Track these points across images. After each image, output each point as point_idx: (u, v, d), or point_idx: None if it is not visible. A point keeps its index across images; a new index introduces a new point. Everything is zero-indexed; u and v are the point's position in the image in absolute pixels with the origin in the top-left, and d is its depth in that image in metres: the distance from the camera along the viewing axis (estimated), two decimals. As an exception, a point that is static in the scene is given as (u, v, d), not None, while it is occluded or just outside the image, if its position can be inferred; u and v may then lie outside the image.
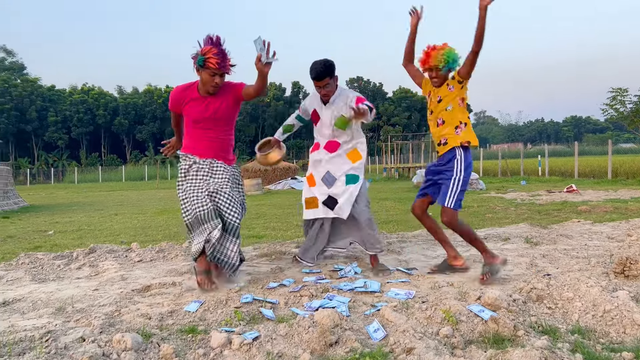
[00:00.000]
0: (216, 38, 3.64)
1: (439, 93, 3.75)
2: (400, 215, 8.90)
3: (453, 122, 3.72)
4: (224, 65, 3.62)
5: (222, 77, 3.70)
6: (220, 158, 3.87)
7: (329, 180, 4.17)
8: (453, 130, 3.71)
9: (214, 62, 3.56)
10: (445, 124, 3.74)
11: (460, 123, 3.72)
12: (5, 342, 2.54)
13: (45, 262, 4.72)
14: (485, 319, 2.60)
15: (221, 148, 3.90)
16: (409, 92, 68.39)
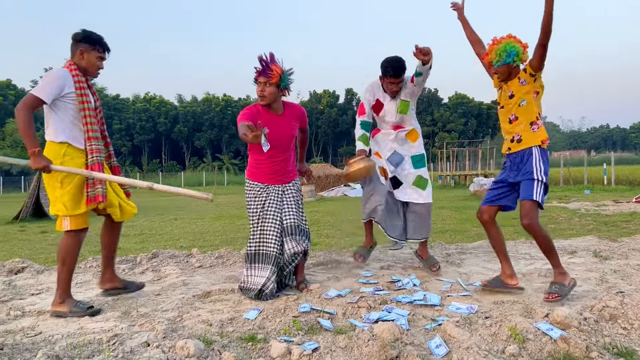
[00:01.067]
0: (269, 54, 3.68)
1: (511, 87, 3.53)
2: (458, 224, 8.69)
3: (528, 117, 3.49)
4: (264, 72, 3.63)
5: (270, 87, 3.65)
6: (287, 178, 3.93)
7: (396, 160, 4.35)
8: (528, 126, 3.49)
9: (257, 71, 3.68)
10: (519, 120, 3.51)
11: (536, 119, 3.50)
12: (75, 344, 2.64)
13: (111, 265, 4.90)
14: (554, 338, 2.48)
15: (287, 165, 3.92)
16: (465, 98, 67.03)
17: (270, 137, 3.71)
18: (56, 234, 9.01)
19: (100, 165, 3.35)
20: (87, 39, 3.39)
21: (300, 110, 3.99)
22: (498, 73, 3.55)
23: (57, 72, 3.29)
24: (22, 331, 2.93)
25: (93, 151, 3.35)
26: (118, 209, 3.55)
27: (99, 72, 3.50)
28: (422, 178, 4.33)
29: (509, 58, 3.42)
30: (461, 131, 64.11)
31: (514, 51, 3.41)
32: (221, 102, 63.94)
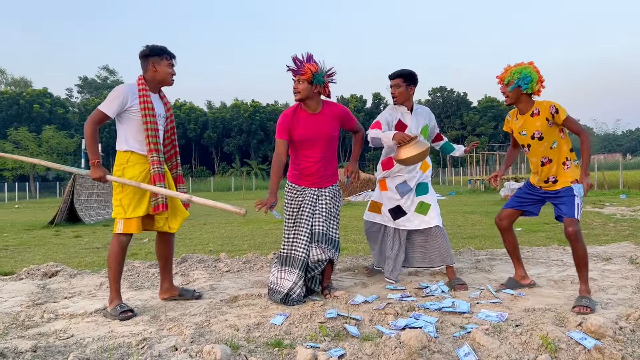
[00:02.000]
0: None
1: (540, 129, 3.48)
2: (488, 230, 8.55)
3: (560, 158, 3.52)
4: (296, 70, 3.72)
5: (302, 84, 3.71)
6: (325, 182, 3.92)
7: (404, 190, 4.23)
8: (562, 167, 3.53)
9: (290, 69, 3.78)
10: (552, 162, 3.54)
11: (566, 159, 3.52)
12: (105, 347, 2.69)
13: (141, 270, 4.99)
14: (588, 347, 2.40)
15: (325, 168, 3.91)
16: (495, 101, 66.01)
17: (305, 135, 3.78)
18: (89, 238, 9.22)
19: (159, 176, 3.47)
20: (154, 51, 3.56)
21: (341, 109, 3.91)
22: (505, 94, 3.55)
23: (121, 87, 3.49)
24: (54, 334, 3.00)
25: (154, 162, 3.47)
26: (165, 222, 3.68)
27: (173, 78, 3.65)
28: (424, 203, 4.20)
29: (521, 81, 3.43)
30: (491, 135, 63.14)
31: (529, 77, 3.42)
32: (250, 107, 64.45)
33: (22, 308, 3.63)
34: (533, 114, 3.50)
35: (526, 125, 3.55)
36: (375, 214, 4.36)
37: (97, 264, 5.96)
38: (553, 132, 3.48)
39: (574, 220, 3.38)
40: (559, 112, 3.40)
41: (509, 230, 3.83)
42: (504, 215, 3.84)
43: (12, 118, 55.21)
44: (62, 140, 49.31)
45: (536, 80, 3.44)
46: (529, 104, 3.53)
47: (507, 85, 3.49)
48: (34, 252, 7.48)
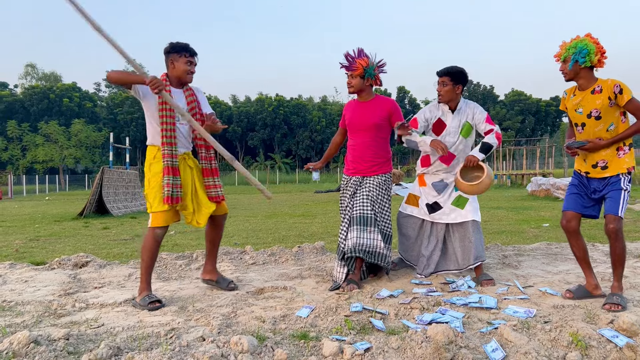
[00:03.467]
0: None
1: (599, 108, 3.23)
2: (514, 225, 8.43)
3: (616, 144, 3.27)
4: (348, 67, 4.02)
5: (354, 78, 4.03)
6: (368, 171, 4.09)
7: (440, 187, 4.18)
8: (614, 152, 3.27)
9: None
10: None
11: (623, 144, 3.27)
12: (135, 336, 2.74)
13: (169, 261, 5.07)
14: (620, 345, 2.36)
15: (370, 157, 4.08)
16: (523, 95, 64.87)
17: (350, 120, 4.13)
18: (117, 230, 9.40)
19: (169, 170, 3.51)
20: (174, 48, 3.65)
21: (391, 103, 4.11)
22: (564, 72, 3.33)
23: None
24: (86, 322, 3.07)
25: (165, 156, 3.53)
26: (192, 217, 3.70)
27: (191, 75, 3.70)
28: (462, 197, 4.11)
29: (578, 55, 3.21)
30: (518, 129, 62.09)
31: (585, 49, 3.19)
32: (274, 102, 64.63)
33: (54, 297, 3.73)
34: (594, 91, 3.25)
35: (584, 103, 3.29)
36: (413, 207, 4.30)
37: (125, 255, 6.07)
38: (612, 113, 3.23)
39: (617, 218, 3.19)
40: (624, 92, 3.15)
41: (578, 232, 3.45)
42: (569, 217, 3.44)
43: (43, 112, 56.52)
44: (91, 134, 50.33)
45: (594, 52, 3.20)
46: (591, 80, 3.29)
47: (565, 62, 3.29)
48: (64, 242, 7.66)
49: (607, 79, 3.25)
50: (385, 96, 4.25)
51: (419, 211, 4.25)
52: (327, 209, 13.63)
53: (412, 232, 4.32)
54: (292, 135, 64.39)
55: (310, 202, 17.77)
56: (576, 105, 3.35)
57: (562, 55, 3.30)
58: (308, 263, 4.95)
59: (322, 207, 14.84)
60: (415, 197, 4.30)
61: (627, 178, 3.27)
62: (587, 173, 3.39)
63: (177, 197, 3.53)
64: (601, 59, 3.25)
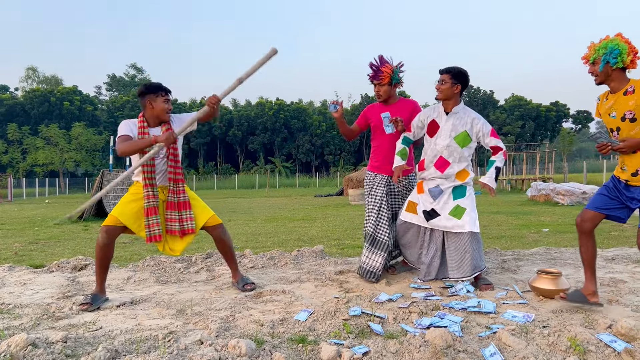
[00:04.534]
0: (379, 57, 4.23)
1: (634, 110, 3.00)
2: (514, 230, 8.43)
3: None
4: (375, 77, 4.21)
5: (383, 87, 4.23)
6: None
7: (436, 193, 4.10)
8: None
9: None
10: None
11: None
12: (133, 339, 2.74)
13: (168, 265, 5.06)
14: (618, 350, 2.36)
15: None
16: (523, 100, 64.97)
17: (375, 122, 4.37)
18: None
19: (151, 210, 3.70)
20: (150, 89, 3.76)
21: (412, 104, 4.37)
22: (594, 74, 3.14)
23: (124, 121, 3.78)
24: (84, 325, 3.07)
25: (148, 197, 3.71)
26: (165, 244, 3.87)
27: (168, 113, 3.80)
28: (459, 207, 4.01)
29: (609, 56, 3.02)
30: (518, 134, 62.14)
31: (617, 50, 3.00)
32: (274, 106, 64.72)
33: (52, 300, 3.73)
34: (627, 92, 3.04)
35: (617, 105, 3.09)
36: (412, 214, 4.18)
37: (124, 258, 6.07)
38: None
39: None
40: None
41: (591, 234, 3.27)
42: (587, 217, 3.25)
43: (44, 115, 56.57)
44: (91, 137, 50.38)
45: (626, 52, 3.01)
46: (623, 81, 3.08)
47: (595, 65, 3.10)
48: (64, 246, 7.66)
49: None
50: (407, 98, 4.43)
51: (417, 218, 4.16)
52: (327, 213, 13.62)
53: (413, 239, 4.24)
54: (293, 139, 64.46)
55: (310, 206, 17.77)
56: (609, 109, 3.16)
57: (591, 56, 3.13)
58: (307, 267, 4.95)
59: (322, 211, 14.83)
60: (414, 204, 4.21)
61: None
62: (627, 181, 3.15)
63: (156, 235, 3.72)
64: (634, 59, 3.07)
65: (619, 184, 3.21)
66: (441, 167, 4.08)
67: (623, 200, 3.19)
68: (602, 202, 3.25)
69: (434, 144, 4.10)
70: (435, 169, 4.11)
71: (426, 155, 4.17)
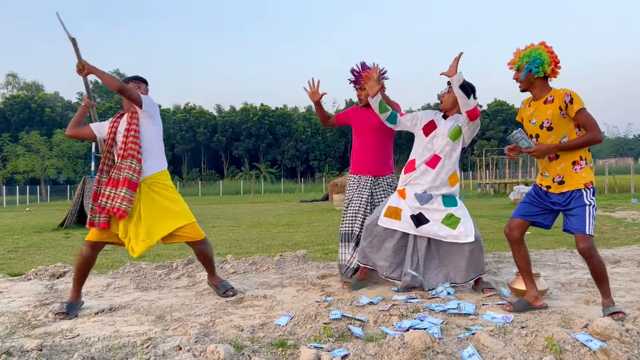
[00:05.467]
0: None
1: (550, 118, 3.11)
2: (497, 233, 8.50)
3: (570, 157, 3.12)
4: (356, 82, 4.35)
5: (364, 91, 4.31)
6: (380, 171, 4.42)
7: (424, 198, 3.97)
8: (570, 167, 3.12)
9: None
10: (560, 159, 3.15)
11: (579, 158, 3.12)
12: (110, 346, 2.71)
13: (148, 271, 5.02)
14: (593, 349, 2.38)
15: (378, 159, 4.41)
16: (505, 105, 65.80)
17: (356, 124, 4.46)
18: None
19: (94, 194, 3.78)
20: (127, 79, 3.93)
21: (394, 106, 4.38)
22: (518, 81, 3.24)
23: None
24: (60, 333, 3.02)
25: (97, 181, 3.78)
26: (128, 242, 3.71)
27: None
28: (453, 216, 3.92)
29: (532, 65, 3.11)
30: (501, 138, 62.83)
31: (539, 59, 3.09)
32: (259, 111, 64.64)
33: (29, 308, 3.66)
34: (547, 101, 3.15)
35: (537, 113, 3.18)
36: (394, 220, 4.01)
37: (105, 265, 5.99)
38: (565, 125, 3.10)
39: (586, 237, 3.03)
40: (574, 102, 3.02)
41: (521, 241, 3.37)
42: (513, 225, 3.37)
43: (24, 122, 55.82)
44: (73, 144, 49.76)
45: (547, 62, 3.10)
46: (545, 90, 3.18)
47: (519, 71, 3.19)
48: (44, 253, 7.55)
49: (560, 88, 3.15)
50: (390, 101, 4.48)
51: (401, 224, 3.99)
52: (312, 218, 13.62)
53: (390, 244, 4.04)
54: (278, 145, 64.38)
55: (295, 211, 17.74)
56: (530, 116, 3.25)
57: (515, 63, 3.21)
58: (289, 271, 4.94)
59: (307, 216, 14.82)
60: (397, 209, 4.03)
61: (590, 192, 3.11)
62: (549, 187, 3.26)
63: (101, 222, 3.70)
64: (555, 69, 3.16)
65: (540, 190, 3.34)
66: (433, 164, 3.97)
67: (546, 206, 3.30)
68: (526, 210, 3.37)
69: (430, 143, 4.02)
70: (426, 166, 3.99)
71: (417, 155, 4.07)
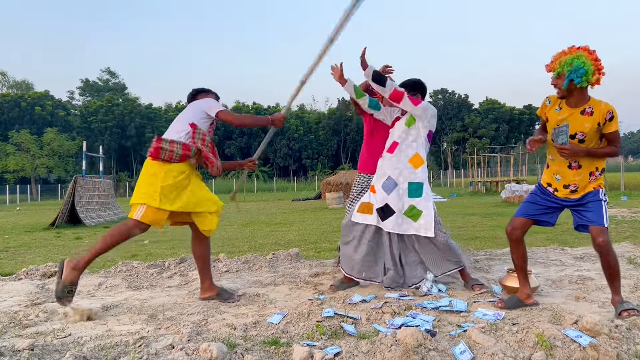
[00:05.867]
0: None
1: (586, 132, 3.02)
2: (488, 231, 8.55)
3: (590, 167, 3.11)
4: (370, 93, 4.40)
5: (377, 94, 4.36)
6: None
7: (389, 186, 3.97)
8: (587, 177, 3.12)
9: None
10: (581, 169, 3.12)
11: (596, 170, 3.12)
12: (102, 345, 2.70)
13: (140, 270, 5.00)
14: (583, 345, 2.41)
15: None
16: (497, 103, 66.03)
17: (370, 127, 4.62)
18: (90, 240, 9.25)
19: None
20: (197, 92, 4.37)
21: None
22: (556, 87, 3.05)
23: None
24: (52, 333, 3.01)
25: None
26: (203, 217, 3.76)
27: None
28: (415, 209, 3.91)
29: (573, 74, 2.91)
30: (492, 137, 63.07)
31: (582, 69, 2.88)
32: (251, 110, 64.56)
33: (20, 307, 3.64)
34: (584, 111, 3.01)
35: (572, 120, 3.05)
36: (366, 214, 4.03)
37: (97, 265, 5.96)
38: (595, 138, 3.05)
39: (603, 230, 2.98)
40: (613, 120, 2.97)
41: (521, 242, 3.36)
42: (517, 224, 3.34)
43: (14, 120, 55.41)
44: (64, 143, 49.45)
45: (592, 72, 2.91)
46: (583, 99, 3.03)
47: (559, 78, 2.99)
48: (35, 253, 7.50)
49: (601, 101, 3.02)
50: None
51: (373, 218, 4.00)
52: (304, 217, 13.62)
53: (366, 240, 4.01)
54: (270, 144, 64.30)
55: (288, 210, 17.74)
56: (561, 120, 3.11)
57: (555, 69, 3.00)
58: (282, 270, 4.94)
59: (299, 215, 14.82)
60: (369, 204, 4.05)
61: (602, 191, 3.12)
62: (556, 190, 3.25)
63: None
64: (599, 78, 2.97)
65: (547, 190, 3.32)
66: (392, 149, 4.06)
67: (553, 204, 3.29)
68: (530, 209, 3.36)
69: (391, 133, 4.19)
70: (387, 152, 4.11)
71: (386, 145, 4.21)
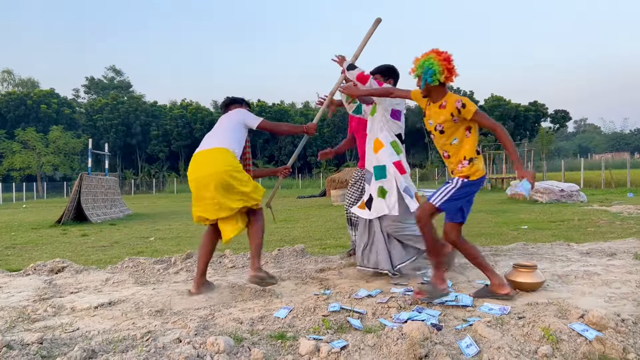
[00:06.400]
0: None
1: (442, 123, 3.34)
2: (494, 228, 8.54)
3: (457, 157, 3.39)
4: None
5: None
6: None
7: (368, 178, 4.26)
8: (457, 165, 3.40)
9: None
10: (450, 157, 3.43)
11: (463, 159, 3.36)
12: (110, 339, 2.72)
13: (147, 266, 5.03)
14: (589, 339, 2.41)
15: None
16: (502, 100, 65.77)
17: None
18: (96, 237, 9.30)
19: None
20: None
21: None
22: (420, 88, 3.40)
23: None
24: (60, 327, 3.04)
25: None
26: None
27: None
28: (382, 189, 4.09)
29: (426, 75, 3.25)
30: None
31: (431, 70, 3.22)
32: (256, 107, 64.52)
33: (28, 302, 3.67)
34: (441, 105, 3.34)
35: (433, 115, 3.40)
36: (362, 210, 4.29)
37: (103, 261, 6.01)
38: (456, 129, 3.34)
39: (429, 204, 3.38)
40: (467, 106, 3.24)
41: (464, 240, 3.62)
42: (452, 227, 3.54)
43: (20, 118, 55.67)
44: (69, 141, 49.68)
45: (440, 71, 3.22)
46: (441, 94, 3.37)
47: (419, 80, 3.34)
48: (42, 250, 7.55)
49: (454, 95, 3.31)
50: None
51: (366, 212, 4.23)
52: (309, 214, 13.64)
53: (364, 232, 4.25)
54: (275, 141, 64.31)
55: (293, 207, 17.76)
56: (429, 116, 3.46)
57: (415, 72, 3.34)
58: (288, 265, 4.96)
59: (304, 212, 14.84)
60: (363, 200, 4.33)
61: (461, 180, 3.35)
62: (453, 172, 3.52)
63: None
64: (449, 76, 3.27)
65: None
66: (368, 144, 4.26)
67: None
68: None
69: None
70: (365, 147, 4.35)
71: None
